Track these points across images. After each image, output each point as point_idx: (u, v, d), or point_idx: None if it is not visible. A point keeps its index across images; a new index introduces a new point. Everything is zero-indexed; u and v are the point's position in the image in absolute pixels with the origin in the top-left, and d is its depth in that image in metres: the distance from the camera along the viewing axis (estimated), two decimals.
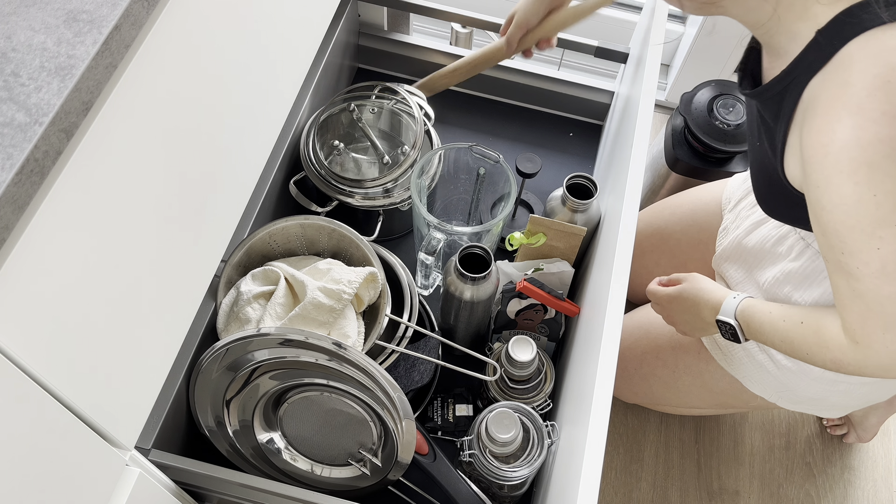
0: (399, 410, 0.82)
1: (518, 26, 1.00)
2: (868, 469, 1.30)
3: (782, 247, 0.90)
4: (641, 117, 0.90)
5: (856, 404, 0.98)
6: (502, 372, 0.93)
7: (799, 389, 0.94)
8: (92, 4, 0.49)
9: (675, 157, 1.31)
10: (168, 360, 0.72)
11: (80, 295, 0.55)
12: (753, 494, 1.27)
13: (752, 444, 1.31)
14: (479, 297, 0.95)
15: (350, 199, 1.06)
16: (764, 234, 0.94)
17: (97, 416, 0.61)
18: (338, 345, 0.79)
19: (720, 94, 1.28)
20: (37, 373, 0.52)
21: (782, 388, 0.96)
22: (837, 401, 0.96)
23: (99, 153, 0.53)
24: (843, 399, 0.96)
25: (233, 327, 0.89)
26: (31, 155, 0.44)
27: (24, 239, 0.47)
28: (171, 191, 0.64)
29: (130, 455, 0.70)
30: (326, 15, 0.96)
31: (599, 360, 0.73)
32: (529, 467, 0.86)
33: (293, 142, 1.10)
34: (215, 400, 0.86)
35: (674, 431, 1.31)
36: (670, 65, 1.72)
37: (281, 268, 0.91)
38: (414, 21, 1.48)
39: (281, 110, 0.88)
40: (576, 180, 0.99)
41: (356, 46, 1.32)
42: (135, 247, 0.60)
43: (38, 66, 0.47)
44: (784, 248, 0.90)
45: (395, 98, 1.14)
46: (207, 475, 0.82)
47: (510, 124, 1.33)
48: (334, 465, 0.92)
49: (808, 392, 0.95)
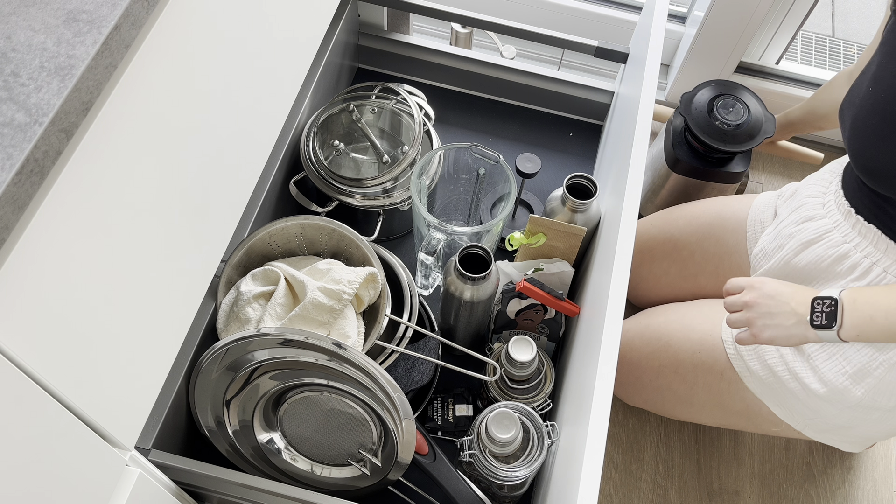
0: (399, 410, 0.82)
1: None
2: (868, 469, 1.30)
3: (842, 266, 0.87)
4: (641, 117, 0.90)
5: (882, 436, 0.96)
6: (502, 372, 0.93)
7: (830, 416, 0.92)
8: (92, 4, 0.49)
9: (675, 157, 1.31)
10: (168, 360, 0.72)
11: (80, 295, 0.55)
12: (753, 494, 1.27)
13: (752, 444, 1.31)
14: (479, 297, 0.95)
15: (350, 199, 1.06)
16: (819, 252, 0.90)
17: (97, 416, 0.61)
18: (338, 345, 0.79)
19: (720, 94, 1.28)
20: (37, 373, 0.52)
21: (812, 415, 0.93)
22: (866, 430, 0.94)
23: (99, 153, 0.53)
24: (874, 427, 0.93)
25: (233, 327, 0.89)
26: (30, 155, 0.44)
27: (24, 239, 0.47)
28: (170, 191, 0.64)
29: (130, 455, 0.70)
30: (326, 15, 0.96)
31: (599, 360, 0.73)
32: (529, 467, 0.86)
33: (293, 142, 1.10)
34: (215, 400, 0.86)
35: (674, 431, 1.31)
36: (670, 65, 1.72)
37: (281, 268, 0.91)
38: (414, 21, 1.48)
39: (281, 110, 0.88)
40: (576, 180, 0.99)
41: (356, 46, 1.32)
42: (134, 247, 0.60)
43: (38, 66, 0.47)
44: (844, 268, 0.87)
45: (395, 98, 1.14)
46: (207, 475, 0.82)
47: (510, 124, 1.33)
48: (334, 465, 0.92)
49: (839, 420, 0.92)
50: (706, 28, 1.50)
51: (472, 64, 1.30)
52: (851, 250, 0.87)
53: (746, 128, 1.24)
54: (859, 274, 0.85)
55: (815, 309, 0.78)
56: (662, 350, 1.07)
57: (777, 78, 1.65)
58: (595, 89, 1.29)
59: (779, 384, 0.93)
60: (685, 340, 1.04)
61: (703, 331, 1.03)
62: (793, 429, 0.98)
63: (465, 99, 1.35)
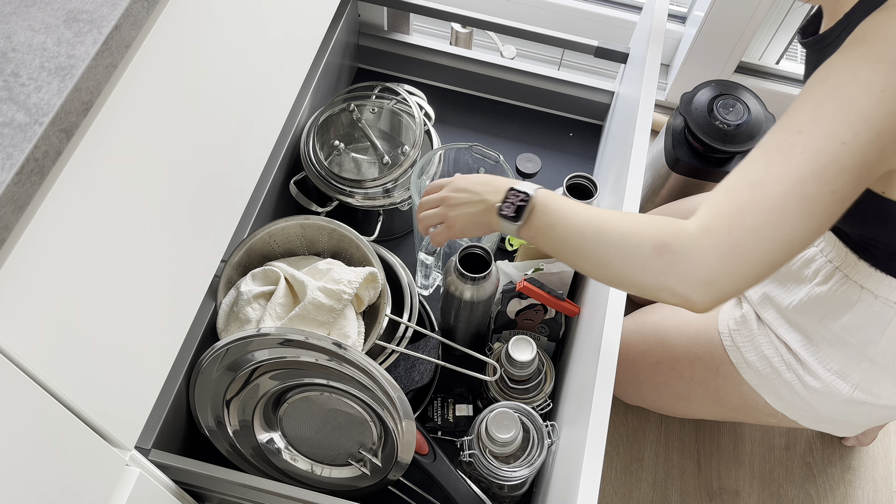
0: (399, 410, 0.82)
1: None
2: (868, 469, 1.30)
3: (808, 270, 0.88)
4: (641, 117, 0.90)
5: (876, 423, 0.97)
6: (502, 372, 0.93)
7: (824, 410, 0.93)
8: (92, 4, 0.49)
9: (675, 157, 1.31)
10: (168, 360, 0.72)
11: (80, 295, 0.55)
12: (753, 494, 1.27)
13: (752, 444, 1.31)
14: (479, 297, 0.95)
15: (350, 199, 1.06)
16: None
17: (97, 415, 0.61)
18: (338, 345, 0.79)
19: (720, 94, 1.28)
20: (37, 373, 0.52)
21: (806, 408, 0.94)
22: (860, 421, 0.95)
23: (99, 153, 0.53)
24: (867, 419, 0.94)
25: (233, 327, 0.89)
26: (31, 155, 0.44)
27: (24, 239, 0.47)
28: (170, 191, 0.64)
29: (130, 455, 0.70)
30: (326, 15, 0.96)
31: (599, 360, 0.73)
32: (529, 467, 0.86)
33: (293, 142, 1.10)
34: (215, 400, 0.86)
35: (674, 431, 1.31)
36: (670, 65, 1.72)
37: (281, 268, 0.91)
38: (414, 21, 1.48)
39: (281, 110, 0.88)
40: (576, 180, 0.99)
41: (356, 46, 1.32)
42: (134, 247, 0.60)
43: (38, 66, 0.47)
44: (809, 272, 0.88)
45: (395, 98, 1.14)
46: (207, 475, 0.82)
47: (510, 124, 1.33)
48: (334, 465, 0.92)
49: (832, 413, 0.93)
50: (706, 28, 1.50)
51: (472, 64, 1.30)
52: (817, 254, 0.87)
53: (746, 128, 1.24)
54: (822, 279, 0.86)
55: (508, 198, 0.74)
56: (658, 346, 1.07)
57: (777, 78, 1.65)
58: (595, 89, 1.29)
59: (775, 375, 0.94)
60: (680, 335, 1.04)
61: (697, 325, 1.03)
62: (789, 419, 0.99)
63: (465, 99, 1.35)
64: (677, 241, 0.62)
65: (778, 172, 0.60)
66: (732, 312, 1.00)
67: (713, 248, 0.60)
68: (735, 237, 0.59)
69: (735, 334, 0.97)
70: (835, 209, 0.60)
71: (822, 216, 0.60)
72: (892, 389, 0.88)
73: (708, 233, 0.60)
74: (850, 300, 0.83)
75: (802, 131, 0.60)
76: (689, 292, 0.62)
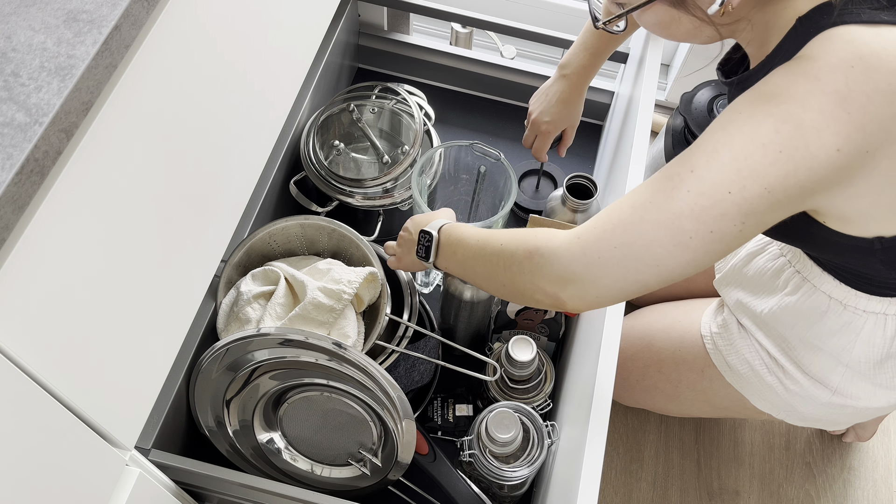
0: (399, 410, 0.82)
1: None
2: (868, 469, 1.30)
3: (778, 280, 0.89)
4: (641, 117, 0.90)
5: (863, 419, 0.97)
6: (502, 372, 0.93)
7: (807, 411, 0.93)
8: (92, 4, 0.49)
9: (675, 156, 1.31)
10: (168, 360, 0.72)
11: (80, 295, 0.55)
12: (753, 494, 1.27)
13: (752, 444, 1.31)
14: (479, 297, 0.95)
15: (350, 198, 1.06)
16: (760, 265, 0.92)
17: (97, 415, 0.61)
18: (338, 345, 0.79)
19: (720, 94, 1.28)
20: (37, 373, 0.52)
21: (790, 409, 0.95)
22: (844, 419, 0.96)
23: (99, 153, 0.53)
24: (850, 419, 0.95)
25: (233, 327, 0.89)
26: (31, 155, 0.44)
27: (24, 239, 0.47)
28: (170, 191, 0.64)
29: (130, 455, 0.70)
30: (326, 15, 0.96)
31: (599, 360, 0.73)
32: (529, 467, 0.86)
33: (293, 142, 1.10)
34: (215, 400, 0.86)
35: (674, 431, 1.31)
36: (670, 65, 1.72)
37: (281, 268, 0.91)
38: (414, 21, 1.48)
39: (281, 110, 0.88)
40: (576, 180, 0.99)
41: (356, 46, 1.32)
42: (134, 247, 0.60)
43: (38, 66, 0.47)
44: (780, 282, 0.89)
45: (395, 98, 1.14)
46: (207, 475, 0.82)
47: (510, 124, 1.33)
48: (334, 465, 0.92)
49: (815, 414, 0.94)
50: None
51: (472, 64, 1.30)
52: (786, 265, 0.88)
53: None
54: (791, 289, 0.87)
55: (420, 241, 0.82)
56: (646, 349, 1.08)
57: None
58: (595, 89, 1.29)
59: (757, 378, 0.94)
60: (666, 339, 1.05)
61: (682, 328, 1.04)
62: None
63: (465, 99, 1.35)
64: (547, 245, 0.67)
65: (660, 202, 0.62)
66: (714, 317, 1.01)
67: (578, 254, 0.65)
68: (600, 248, 0.64)
69: (717, 338, 0.98)
70: (715, 248, 0.62)
71: (696, 252, 0.61)
72: (871, 391, 0.88)
73: (578, 240, 0.65)
74: (819, 309, 0.84)
75: (694, 171, 0.61)
76: (557, 290, 0.67)
